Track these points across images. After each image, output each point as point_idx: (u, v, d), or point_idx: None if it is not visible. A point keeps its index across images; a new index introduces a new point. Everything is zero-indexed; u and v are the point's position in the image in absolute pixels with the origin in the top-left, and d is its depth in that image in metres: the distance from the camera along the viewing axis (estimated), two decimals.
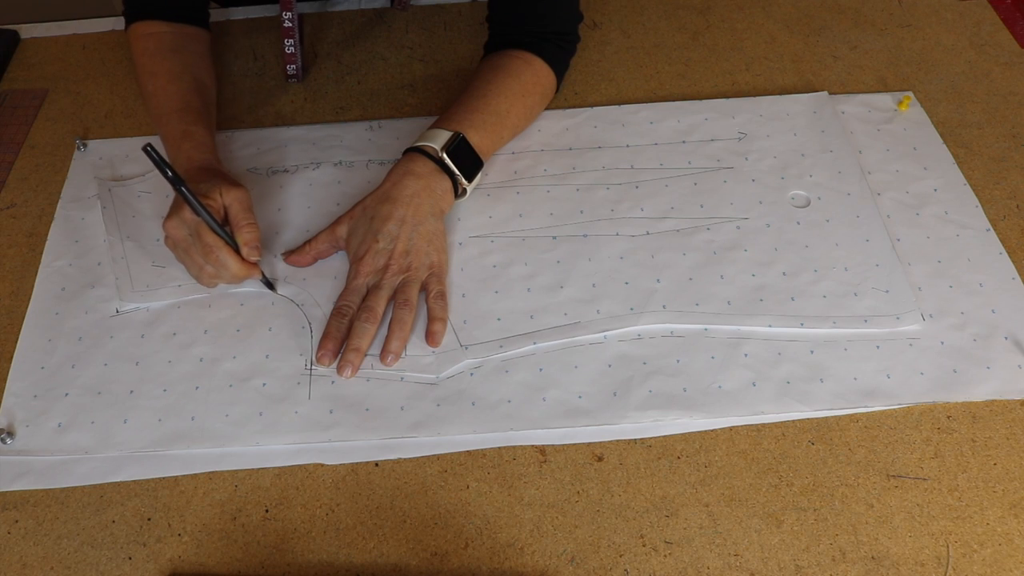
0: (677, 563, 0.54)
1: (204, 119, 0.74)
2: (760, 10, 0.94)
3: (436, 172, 0.69)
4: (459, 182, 0.70)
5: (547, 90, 0.80)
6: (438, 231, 0.68)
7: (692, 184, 0.75)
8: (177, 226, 0.63)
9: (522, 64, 0.77)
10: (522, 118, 0.77)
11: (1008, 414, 0.60)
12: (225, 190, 0.65)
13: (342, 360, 0.63)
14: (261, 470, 0.59)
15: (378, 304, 0.64)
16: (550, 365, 0.63)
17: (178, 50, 0.79)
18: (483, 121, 0.73)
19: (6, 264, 0.72)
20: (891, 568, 0.53)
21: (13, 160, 0.81)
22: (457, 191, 0.71)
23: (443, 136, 0.70)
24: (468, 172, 0.71)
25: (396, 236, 0.66)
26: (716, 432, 0.60)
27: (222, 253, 0.63)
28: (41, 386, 0.63)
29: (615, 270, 0.68)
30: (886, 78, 0.85)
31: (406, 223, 0.66)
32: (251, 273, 0.65)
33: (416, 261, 0.66)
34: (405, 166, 0.69)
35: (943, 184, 0.74)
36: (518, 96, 0.76)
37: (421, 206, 0.67)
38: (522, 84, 0.76)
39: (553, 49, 0.79)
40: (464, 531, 0.56)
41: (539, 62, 0.78)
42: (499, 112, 0.74)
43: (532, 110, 0.79)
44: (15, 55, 0.92)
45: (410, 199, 0.67)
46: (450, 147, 0.69)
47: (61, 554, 0.56)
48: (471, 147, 0.71)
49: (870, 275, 0.67)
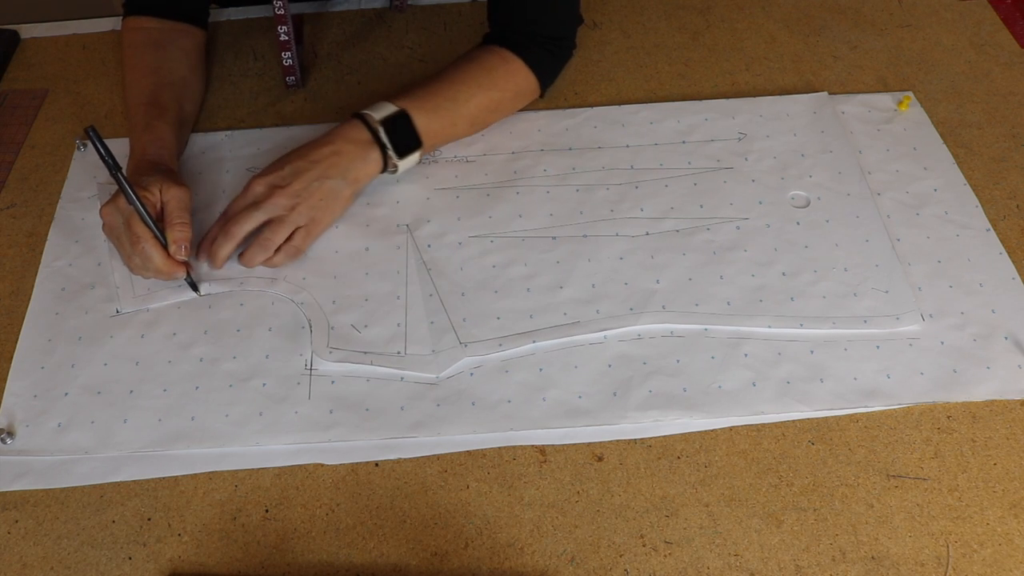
0: (677, 563, 0.54)
1: (170, 115, 0.75)
2: (760, 10, 0.94)
3: (368, 142, 0.70)
4: (389, 156, 0.71)
5: (522, 90, 0.79)
6: (341, 195, 0.69)
7: (692, 184, 0.75)
8: (111, 212, 0.65)
9: (497, 60, 0.77)
10: (484, 111, 0.77)
11: (1008, 414, 0.60)
12: (166, 187, 0.66)
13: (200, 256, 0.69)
14: (261, 470, 0.59)
15: (246, 220, 0.67)
16: (550, 365, 0.63)
17: (162, 46, 0.79)
18: (436, 105, 0.73)
19: (6, 264, 0.72)
20: (891, 568, 0.53)
21: (13, 160, 0.81)
22: (387, 166, 0.72)
23: (387, 109, 0.71)
24: (401, 148, 0.71)
25: (300, 173, 0.68)
26: (716, 432, 0.60)
27: (147, 245, 0.64)
28: (41, 386, 0.63)
29: (615, 270, 0.68)
30: (886, 78, 0.85)
31: (314, 170, 0.68)
32: (175, 271, 0.66)
33: (303, 205, 0.68)
34: (341, 128, 0.71)
35: (943, 184, 0.74)
36: (483, 88, 0.75)
37: (337, 164, 0.69)
38: (491, 78, 0.76)
39: (540, 52, 0.78)
40: (464, 531, 0.56)
41: (518, 62, 0.77)
42: (456, 99, 0.74)
43: (500, 106, 0.78)
44: (15, 55, 0.92)
45: (329, 154, 0.69)
46: (389, 120, 0.70)
47: (61, 554, 0.56)
48: (413, 126, 0.71)
49: (870, 275, 0.67)
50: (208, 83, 0.87)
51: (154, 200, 0.65)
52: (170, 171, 0.70)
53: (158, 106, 0.74)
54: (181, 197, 0.66)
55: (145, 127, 0.72)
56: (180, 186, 0.67)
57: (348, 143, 0.70)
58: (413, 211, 0.74)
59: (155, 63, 0.78)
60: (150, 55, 0.78)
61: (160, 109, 0.74)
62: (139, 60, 0.78)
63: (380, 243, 0.71)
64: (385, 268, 0.69)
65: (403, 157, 0.72)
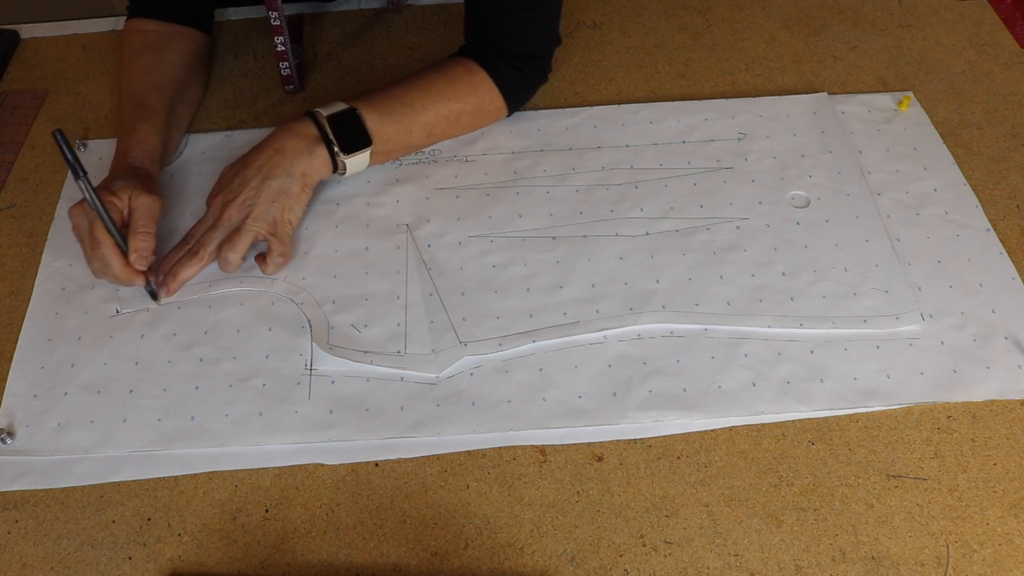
0: (677, 563, 0.54)
1: (157, 118, 0.74)
2: (760, 10, 0.94)
3: (314, 138, 0.69)
4: (335, 153, 0.70)
5: (485, 105, 0.77)
6: (290, 191, 0.68)
7: (692, 184, 0.75)
8: (79, 214, 0.65)
9: (462, 71, 0.76)
10: (442, 121, 0.75)
11: (1008, 414, 0.60)
12: (135, 194, 0.66)
13: (161, 283, 0.67)
14: (261, 470, 0.59)
15: (209, 242, 0.68)
16: (550, 365, 0.63)
17: (159, 48, 0.79)
18: (391, 108, 0.72)
19: (6, 264, 0.72)
20: (891, 568, 0.53)
21: (13, 160, 0.81)
22: (336, 164, 0.71)
23: (337, 107, 0.71)
24: (348, 145, 0.70)
25: (247, 181, 0.68)
26: (716, 432, 0.60)
27: (107, 251, 0.64)
28: (41, 386, 0.63)
29: (614, 270, 0.68)
30: (886, 78, 0.85)
31: (260, 173, 0.68)
32: (133, 278, 0.66)
33: (256, 212, 0.67)
34: (289, 124, 0.70)
35: (943, 184, 0.74)
36: (443, 98, 0.74)
37: (281, 163, 0.68)
38: (452, 89, 0.75)
39: (509, 69, 0.76)
40: (464, 531, 0.56)
41: (483, 75, 0.75)
42: (412, 106, 0.73)
43: (459, 118, 0.76)
44: (15, 55, 0.92)
45: (273, 152, 0.68)
46: (336, 117, 0.70)
47: (61, 554, 0.56)
48: (363, 124, 0.71)
49: (870, 275, 0.67)
50: (208, 85, 0.87)
51: (121, 206, 0.65)
52: (147, 176, 0.69)
53: (145, 108, 0.74)
54: (149, 206, 0.66)
55: (130, 129, 0.72)
56: (150, 194, 0.66)
57: (292, 138, 0.69)
58: (413, 211, 0.74)
59: (149, 65, 0.78)
60: (146, 57, 0.78)
61: (147, 111, 0.74)
62: (134, 62, 0.78)
63: (380, 243, 0.71)
64: (385, 268, 0.69)
65: (350, 154, 0.70)
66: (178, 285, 0.67)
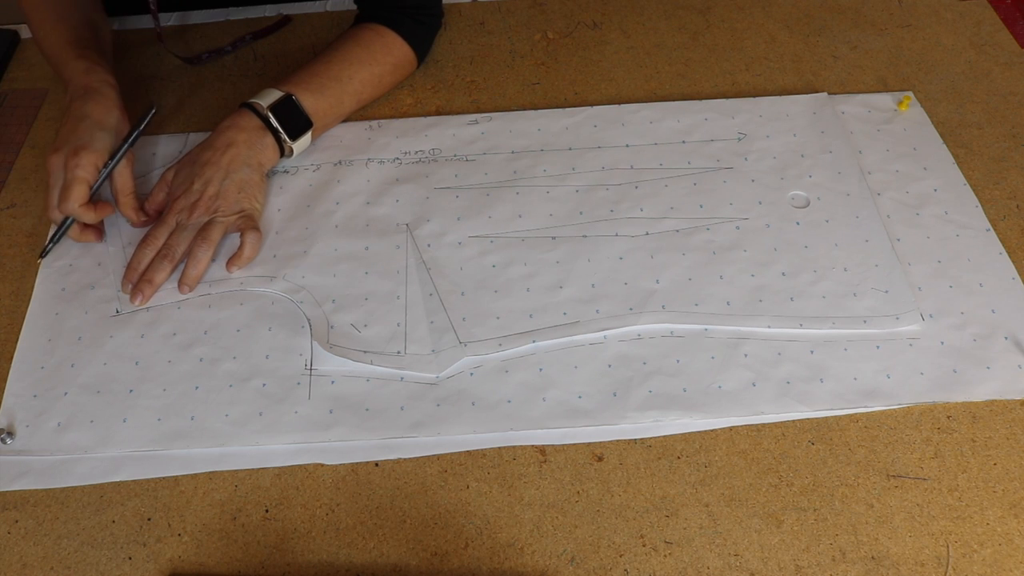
0: (677, 563, 0.54)
1: (96, 46, 0.79)
2: (760, 10, 0.94)
3: (259, 128, 0.73)
4: (283, 140, 0.74)
5: (401, 62, 0.82)
6: (252, 181, 0.72)
7: (692, 184, 0.75)
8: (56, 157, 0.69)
9: (373, 35, 0.81)
10: (368, 86, 0.80)
11: (1008, 414, 0.60)
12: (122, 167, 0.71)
13: (135, 288, 0.67)
14: (261, 470, 0.59)
15: (179, 243, 0.69)
16: (550, 365, 0.63)
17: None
18: (321, 85, 0.76)
19: (6, 264, 0.72)
20: (891, 568, 0.53)
21: (13, 160, 0.81)
22: (284, 150, 0.75)
23: (273, 95, 0.74)
24: (293, 131, 0.74)
25: (209, 180, 0.70)
26: (716, 432, 0.60)
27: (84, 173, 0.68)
28: (41, 386, 0.63)
29: (614, 270, 0.68)
30: (886, 78, 0.85)
31: (220, 169, 0.71)
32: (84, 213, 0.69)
33: (224, 205, 0.70)
34: (232, 119, 0.73)
35: (943, 184, 0.74)
36: (364, 64, 0.79)
37: (238, 156, 0.71)
38: (370, 53, 0.79)
39: (411, 24, 0.82)
40: (464, 531, 0.56)
41: (392, 35, 0.81)
42: (340, 78, 0.77)
43: (381, 79, 0.81)
44: (15, 55, 0.92)
45: (227, 148, 0.71)
46: (276, 106, 0.73)
47: (61, 554, 0.56)
48: (301, 108, 0.74)
49: (869, 275, 0.67)
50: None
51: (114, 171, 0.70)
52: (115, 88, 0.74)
53: (82, 42, 0.77)
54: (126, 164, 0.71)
55: (77, 56, 0.75)
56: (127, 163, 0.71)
57: (240, 132, 0.72)
58: (413, 210, 0.74)
59: (61, 11, 0.80)
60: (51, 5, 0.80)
61: (84, 43, 0.77)
62: (43, 13, 0.80)
63: (380, 242, 0.71)
64: (385, 267, 0.69)
65: (296, 139, 0.74)
66: (153, 290, 0.68)
